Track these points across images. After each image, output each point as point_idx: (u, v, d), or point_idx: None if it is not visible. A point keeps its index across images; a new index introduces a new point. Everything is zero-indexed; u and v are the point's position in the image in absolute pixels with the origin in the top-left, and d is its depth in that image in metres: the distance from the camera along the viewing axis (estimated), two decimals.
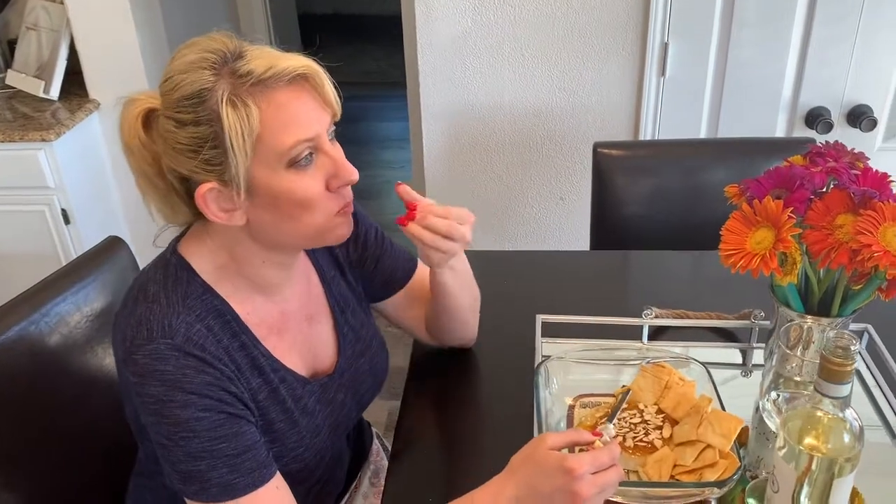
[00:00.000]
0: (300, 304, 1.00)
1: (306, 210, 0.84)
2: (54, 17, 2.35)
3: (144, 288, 0.87)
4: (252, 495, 0.83)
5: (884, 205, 0.86)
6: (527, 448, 0.80)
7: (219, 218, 0.84)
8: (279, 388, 0.93)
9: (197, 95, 0.79)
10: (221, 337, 0.87)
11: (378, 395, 1.11)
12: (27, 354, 1.12)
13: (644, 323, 1.17)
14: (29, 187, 2.20)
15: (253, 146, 0.80)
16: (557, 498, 0.75)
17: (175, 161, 0.83)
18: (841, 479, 0.73)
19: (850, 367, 0.70)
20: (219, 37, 0.82)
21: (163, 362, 0.81)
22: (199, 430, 0.81)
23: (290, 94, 0.81)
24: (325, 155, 0.85)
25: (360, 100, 5.03)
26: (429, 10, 1.96)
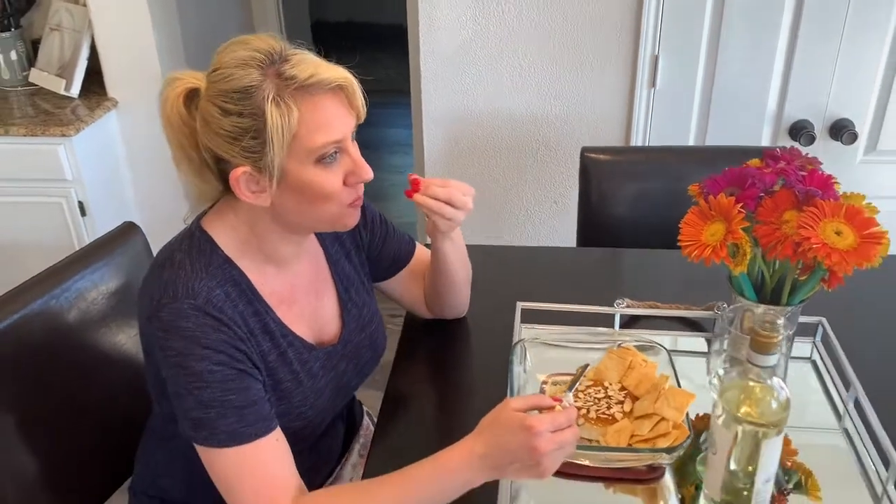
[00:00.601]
0: (309, 279, 1.10)
1: (326, 201, 0.96)
2: (77, 18, 2.47)
3: (171, 256, 0.98)
4: (255, 443, 0.92)
5: (825, 203, 0.96)
6: (493, 411, 0.89)
7: (247, 198, 0.95)
8: (287, 351, 1.03)
9: (244, 91, 0.89)
10: (237, 303, 0.98)
11: (376, 368, 1.21)
12: (48, 327, 1.22)
13: (616, 312, 1.26)
14: (48, 180, 2.31)
15: (290, 142, 0.90)
16: (520, 453, 0.84)
17: (214, 143, 0.93)
18: (768, 440, 0.82)
19: (775, 340, 0.79)
20: (266, 38, 0.93)
21: (185, 320, 0.91)
22: (211, 381, 0.91)
23: (326, 101, 0.92)
24: (348, 155, 0.96)
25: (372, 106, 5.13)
26: (431, 21, 2.06)
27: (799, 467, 1.05)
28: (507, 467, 0.86)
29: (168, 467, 1.14)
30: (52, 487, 1.20)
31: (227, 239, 1.00)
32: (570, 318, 1.28)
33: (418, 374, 1.26)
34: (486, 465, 0.87)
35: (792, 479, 1.04)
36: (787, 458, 1.05)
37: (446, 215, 1.09)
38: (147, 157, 2.53)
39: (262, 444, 0.93)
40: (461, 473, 0.88)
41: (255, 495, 0.92)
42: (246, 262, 1.01)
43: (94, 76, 2.47)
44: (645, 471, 0.99)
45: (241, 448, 0.92)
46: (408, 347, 1.29)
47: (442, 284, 1.24)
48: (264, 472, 0.93)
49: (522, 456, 0.84)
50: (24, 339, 1.18)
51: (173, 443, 1.10)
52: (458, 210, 1.09)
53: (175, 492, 1.15)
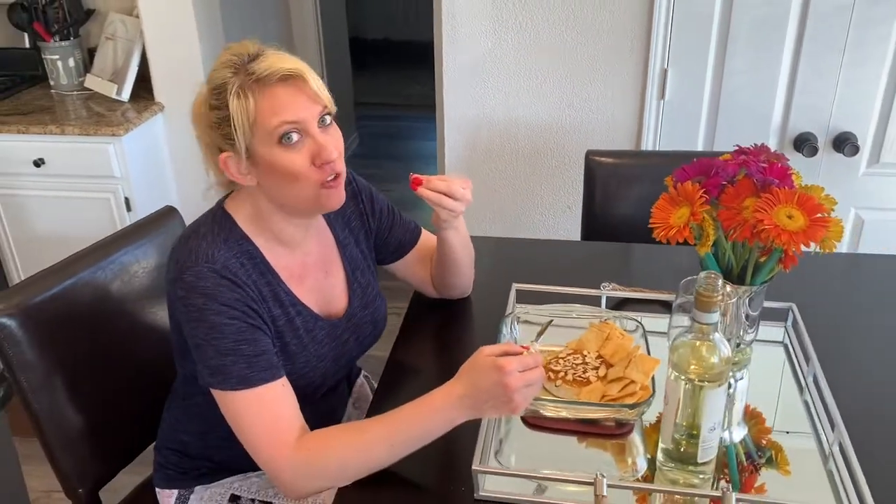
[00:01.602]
0: (318, 259, 1.24)
1: (293, 179, 1.07)
2: (130, 28, 2.68)
3: (196, 229, 1.14)
4: (263, 387, 1.06)
5: (780, 190, 1.07)
6: (470, 358, 1.02)
7: (237, 178, 1.10)
8: (295, 319, 1.17)
9: (219, 87, 1.06)
10: (251, 272, 1.12)
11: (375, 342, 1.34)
12: (94, 294, 1.38)
13: (602, 294, 1.38)
14: (98, 176, 2.50)
15: (251, 127, 1.05)
16: (494, 390, 0.97)
17: (210, 134, 1.10)
18: (710, 392, 0.93)
19: (716, 299, 0.90)
20: (248, 43, 1.09)
21: (204, 280, 1.06)
22: (226, 332, 1.05)
23: (279, 89, 1.05)
24: (311, 138, 1.07)
25: (403, 120, 5.34)
26: (454, 34, 2.21)
27: (771, 444, 1.15)
28: (483, 405, 0.98)
29: (187, 424, 1.28)
30: (91, 440, 1.35)
31: (243, 217, 1.15)
32: (561, 300, 1.39)
33: (419, 347, 1.38)
34: (465, 404, 0.99)
35: (764, 454, 1.14)
36: (762, 436, 1.15)
37: (447, 206, 1.23)
38: (189, 157, 2.71)
39: (269, 388, 1.06)
40: (444, 412, 1.00)
41: (263, 432, 1.05)
42: (261, 240, 1.15)
43: (144, 82, 2.67)
44: (614, 427, 1.10)
45: (251, 391, 1.05)
46: (412, 323, 1.42)
47: (447, 268, 1.37)
48: (271, 412, 1.06)
49: (496, 393, 0.96)
50: (73, 304, 1.34)
51: (191, 401, 1.25)
52: (458, 201, 1.23)
53: (192, 446, 1.29)
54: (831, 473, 1.06)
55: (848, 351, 1.31)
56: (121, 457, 1.42)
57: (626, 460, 1.09)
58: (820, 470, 1.08)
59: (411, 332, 1.40)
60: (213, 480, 1.29)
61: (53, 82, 2.77)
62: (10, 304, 1.24)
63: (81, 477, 1.34)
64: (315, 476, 1.05)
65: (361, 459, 1.03)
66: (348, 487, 1.05)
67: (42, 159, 2.48)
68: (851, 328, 1.39)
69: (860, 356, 1.31)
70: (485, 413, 1.01)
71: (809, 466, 1.09)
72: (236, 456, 1.19)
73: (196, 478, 1.29)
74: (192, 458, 1.29)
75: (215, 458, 1.28)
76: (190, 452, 1.29)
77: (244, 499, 1.27)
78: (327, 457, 1.04)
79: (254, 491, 1.27)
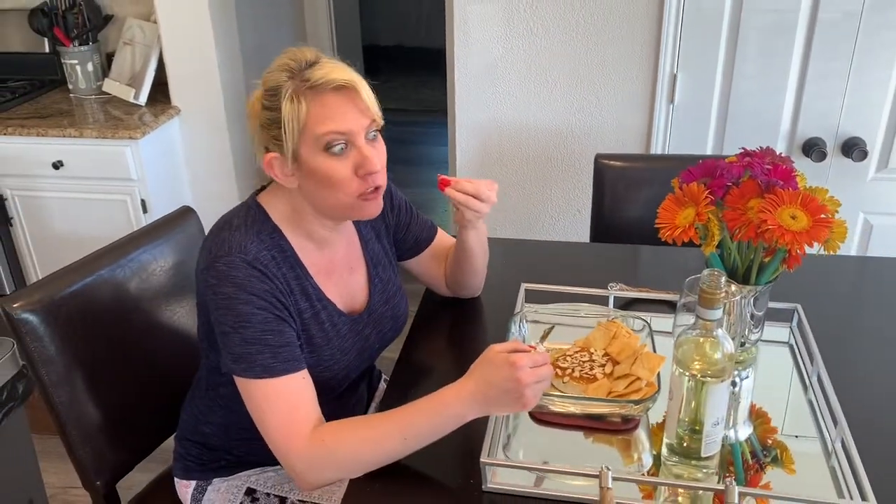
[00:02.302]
0: (344, 256, 1.27)
1: (333, 186, 1.12)
2: (148, 34, 2.73)
3: (230, 221, 1.17)
4: (285, 378, 1.09)
5: (783, 191, 1.09)
6: (481, 356, 1.04)
7: (279, 179, 1.14)
8: (321, 312, 1.20)
9: (274, 90, 1.09)
10: (281, 265, 1.15)
11: (396, 336, 1.37)
12: (113, 291, 1.41)
13: (609, 294, 1.40)
14: (116, 178, 2.55)
15: (300, 132, 1.09)
16: (505, 385, 0.99)
17: (259, 132, 1.13)
18: (714, 387, 0.95)
19: (719, 296, 0.92)
20: (307, 49, 1.12)
21: (236, 270, 1.09)
22: (254, 321, 1.08)
23: (332, 98, 1.09)
24: (357, 149, 1.12)
25: (416, 125, 5.38)
26: (466, 40, 2.24)
27: (777, 444, 1.17)
28: (494, 401, 1.01)
29: (209, 415, 1.31)
30: (109, 433, 1.38)
31: (277, 213, 1.18)
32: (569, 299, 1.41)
33: (430, 345, 1.41)
34: (475, 400, 1.01)
35: (770, 454, 1.16)
36: (768, 436, 1.17)
37: (473, 207, 1.26)
38: (204, 160, 2.76)
39: (291, 379, 1.09)
40: (454, 408, 1.02)
41: (281, 421, 1.08)
42: (292, 235, 1.19)
43: (161, 86, 2.72)
44: (620, 422, 1.12)
45: (273, 380, 1.08)
46: (423, 322, 1.45)
47: (463, 268, 1.41)
48: (290, 402, 1.09)
49: (508, 388, 0.99)
50: (93, 301, 1.38)
51: (215, 392, 1.28)
52: (484, 203, 1.26)
53: (214, 438, 1.32)
54: (834, 470, 1.08)
55: (852, 351, 1.33)
56: (138, 450, 1.45)
57: (632, 455, 1.11)
58: (824, 469, 1.09)
59: (422, 331, 1.43)
60: (231, 473, 1.32)
61: (72, 86, 2.82)
62: (33, 300, 1.28)
63: (99, 470, 1.37)
64: (327, 467, 1.07)
65: (374, 452, 1.05)
66: (359, 480, 1.07)
67: (61, 161, 2.53)
68: (857, 329, 1.41)
69: (865, 356, 1.32)
70: (495, 409, 1.03)
71: (814, 466, 1.11)
72: (256, 449, 1.23)
73: (215, 470, 1.32)
74: (213, 450, 1.32)
75: (236, 451, 1.31)
76: (211, 444, 1.32)
77: (260, 492, 1.29)
78: (341, 449, 1.06)
79: (269, 485, 1.30)
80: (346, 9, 4.32)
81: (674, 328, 1.19)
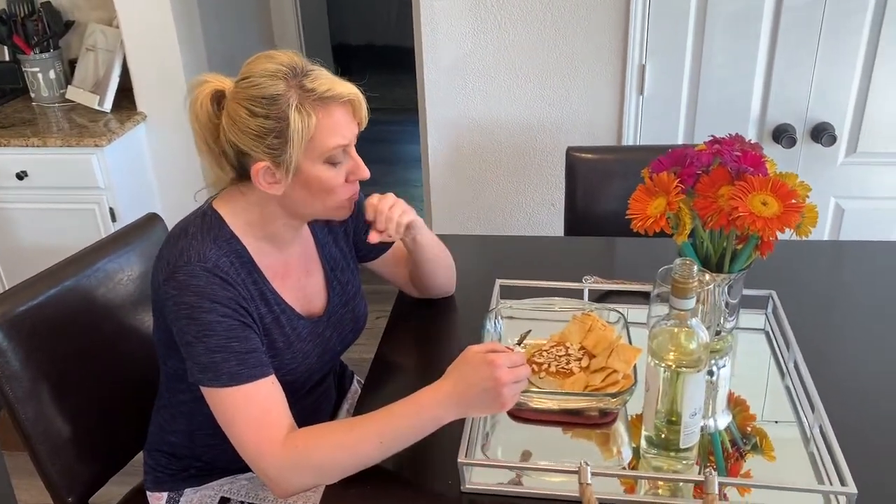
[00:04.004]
0: (301, 259, 1.25)
1: (329, 194, 1.13)
2: (110, 39, 2.68)
3: (185, 229, 1.14)
4: (252, 384, 1.07)
5: (753, 178, 1.08)
6: (459, 356, 1.03)
7: (263, 188, 1.11)
8: (280, 316, 1.18)
9: (272, 98, 1.06)
10: (240, 271, 1.13)
11: (357, 338, 1.36)
12: (79, 302, 1.38)
13: (584, 287, 1.39)
14: (82, 187, 2.50)
15: (307, 144, 1.07)
16: (483, 385, 0.98)
17: (239, 139, 1.09)
18: (690, 378, 0.95)
19: (691, 285, 0.91)
20: (290, 54, 1.10)
21: (197, 279, 1.07)
22: (218, 330, 1.06)
23: (338, 111, 1.09)
24: (350, 157, 1.13)
25: (388, 124, 5.35)
26: (434, 36, 2.22)
27: (756, 431, 1.17)
28: (472, 402, 1.00)
29: (172, 423, 1.29)
30: (79, 447, 1.35)
31: (234, 218, 1.16)
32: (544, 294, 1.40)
33: (405, 345, 1.39)
34: (453, 401, 1.00)
35: (749, 441, 1.15)
36: (747, 423, 1.17)
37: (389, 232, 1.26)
38: (172, 166, 2.72)
39: (259, 385, 1.07)
40: (431, 411, 1.01)
41: (251, 429, 1.06)
42: (248, 238, 1.16)
43: (125, 92, 2.67)
44: (598, 416, 1.11)
45: (241, 388, 1.06)
46: (397, 322, 1.43)
47: (423, 271, 1.39)
48: (260, 409, 1.07)
49: (486, 387, 0.98)
50: (58, 313, 1.34)
51: (175, 400, 1.26)
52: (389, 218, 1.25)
53: (180, 446, 1.29)
54: (813, 456, 1.07)
55: (828, 336, 1.33)
56: (110, 464, 1.42)
57: (612, 449, 1.11)
58: (804, 454, 1.09)
59: (396, 330, 1.41)
60: (202, 483, 1.29)
61: (34, 95, 2.76)
62: None
63: (70, 486, 1.33)
64: (302, 474, 1.05)
65: (350, 457, 1.04)
66: (334, 485, 1.05)
67: (25, 172, 2.47)
68: (832, 314, 1.41)
69: (840, 341, 1.33)
70: (473, 410, 1.02)
71: (794, 451, 1.10)
72: (224, 455, 1.20)
73: (185, 479, 1.30)
74: (181, 458, 1.30)
75: (204, 457, 1.29)
76: (178, 453, 1.30)
77: (234, 501, 1.27)
78: (315, 454, 1.04)
79: (243, 494, 1.28)
80: (313, 8, 4.28)
81: (648, 319, 1.18)
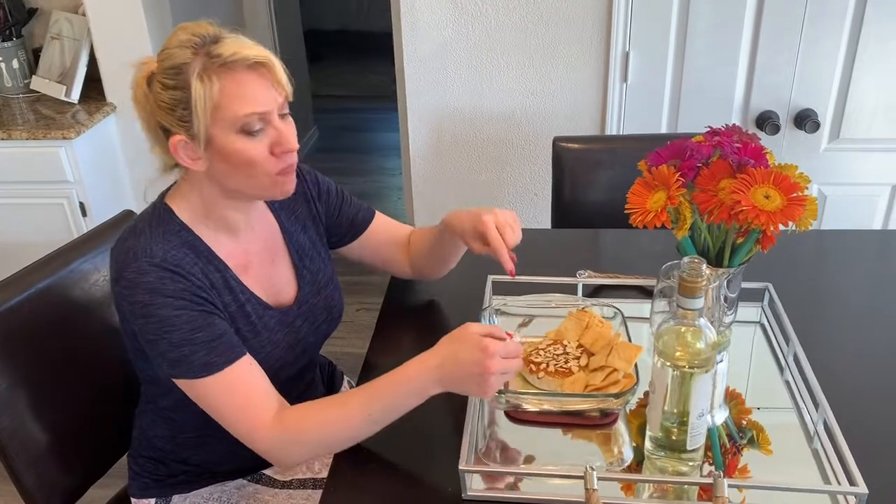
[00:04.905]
0: (262, 246, 1.21)
1: (250, 168, 1.05)
2: (76, 27, 2.59)
3: (134, 227, 1.10)
4: (227, 370, 1.04)
5: (755, 170, 1.06)
6: (455, 330, 1.01)
7: (186, 163, 1.06)
8: (245, 305, 1.14)
9: (178, 67, 1.01)
10: (196, 261, 1.09)
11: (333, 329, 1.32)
12: (55, 303, 1.32)
13: (578, 281, 1.36)
14: (51, 181, 2.41)
15: (212, 112, 1.01)
16: (471, 368, 0.96)
17: (159, 115, 1.05)
18: (698, 378, 0.92)
19: (700, 284, 0.89)
20: (205, 24, 1.05)
21: (145, 275, 1.03)
22: (178, 323, 1.02)
23: (247, 76, 1.02)
24: (273, 127, 1.05)
25: (362, 112, 5.27)
26: (414, 23, 2.17)
27: (752, 425, 1.15)
28: (457, 379, 0.98)
29: (154, 428, 1.25)
30: (58, 455, 1.29)
31: (184, 209, 1.12)
32: (537, 289, 1.37)
33: (396, 343, 1.35)
34: (437, 375, 0.99)
35: (746, 435, 1.14)
36: (742, 417, 1.15)
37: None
38: (144, 158, 2.61)
39: (234, 369, 1.04)
40: (416, 382, 1.00)
41: (237, 413, 1.04)
42: (202, 228, 1.12)
43: (93, 82, 2.58)
44: (599, 417, 1.09)
45: (217, 375, 1.03)
46: (388, 320, 1.39)
47: (444, 261, 1.36)
48: (241, 392, 1.05)
49: (474, 371, 0.96)
50: (32, 317, 1.28)
51: (154, 405, 1.22)
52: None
53: (166, 451, 1.25)
54: (817, 452, 1.06)
55: (823, 327, 1.32)
56: (92, 470, 1.37)
57: (613, 449, 1.08)
58: (800, 446, 1.08)
59: (387, 328, 1.37)
60: (190, 489, 1.25)
61: None
62: None
63: (49, 495, 1.28)
64: (298, 451, 1.06)
65: (340, 432, 1.04)
66: (332, 495, 1.02)
67: None
68: (824, 304, 1.40)
69: (835, 331, 1.31)
70: (455, 388, 1.00)
71: (790, 444, 1.09)
72: (213, 456, 1.20)
73: (173, 486, 1.26)
74: (168, 463, 1.26)
75: (191, 460, 1.25)
76: (164, 458, 1.26)
77: None
78: (305, 432, 1.04)
79: (233, 501, 1.24)
80: None
81: (651, 315, 1.16)
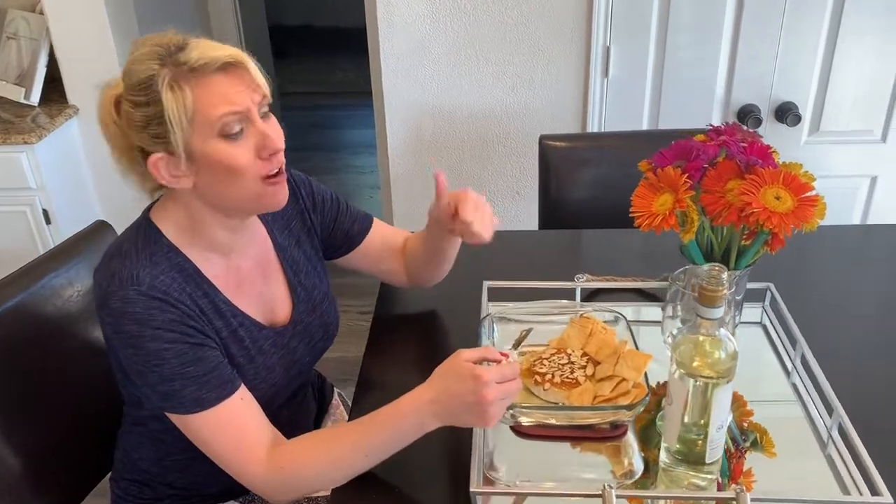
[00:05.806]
0: (255, 263, 1.15)
1: (237, 175, 0.98)
2: (34, 26, 2.47)
3: (119, 246, 1.03)
4: (219, 406, 0.99)
5: (764, 171, 1.03)
6: (446, 361, 0.96)
7: (169, 182, 0.99)
8: (238, 329, 1.08)
9: (146, 82, 0.94)
10: (184, 286, 1.02)
11: (328, 346, 1.26)
12: (26, 321, 1.25)
13: (576, 286, 1.32)
14: (11, 188, 2.31)
15: (189, 121, 0.95)
16: (467, 398, 0.91)
17: (135, 136, 0.98)
18: (718, 390, 0.89)
19: (720, 293, 0.85)
20: (169, 34, 0.98)
21: (132, 305, 0.96)
22: (167, 357, 0.96)
23: (219, 79, 0.96)
24: (255, 127, 0.98)
25: (331, 109, 5.18)
26: (390, 18, 2.11)
27: (755, 427, 1.12)
28: (454, 413, 0.94)
29: (139, 450, 1.19)
30: (33, 481, 1.22)
31: (171, 228, 1.05)
32: (534, 295, 1.33)
33: (391, 352, 1.30)
34: (434, 410, 0.94)
35: (749, 438, 1.11)
36: (744, 419, 1.12)
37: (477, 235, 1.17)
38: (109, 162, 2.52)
39: (227, 406, 0.99)
40: (412, 418, 0.95)
41: (230, 451, 0.99)
42: (191, 250, 1.05)
43: (54, 84, 2.47)
44: (608, 429, 1.05)
45: (208, 412, 0.98)
46: (383, 331, 1.34)
47: (440, 264, 1.31)
48: (234, 429, 0.99)
49: (470, 401, 0.91)
50: (4, 335, 1.21)
51: (144, 428, 1.16)
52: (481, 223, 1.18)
53: (151, 474, 1.19)
54: (831, 458, 1.04)
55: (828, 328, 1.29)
56: (70, 494, 1.30)
57: (623, 462, 1.04)
58: (813, 453, 1.05)
59: (382, 340, 1.31)
60: None
61: None
62: None
63: None
64: (292, 490, 1.01)
65: (337, 471, 1.00)
66: None
67: None
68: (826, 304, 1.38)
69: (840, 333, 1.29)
70: (455, 422, 0.96)
71: (801, 451, 1.07)
72: (200, 477, 1.14)
73: None
74: (153, 486, 1.19)
75: (178, 482, 1.19)
76: (150, 480, 1.20)
77: None
78: (302, 473, 1.00)
79: None
80: None
81: (663, 320, 1.12)
